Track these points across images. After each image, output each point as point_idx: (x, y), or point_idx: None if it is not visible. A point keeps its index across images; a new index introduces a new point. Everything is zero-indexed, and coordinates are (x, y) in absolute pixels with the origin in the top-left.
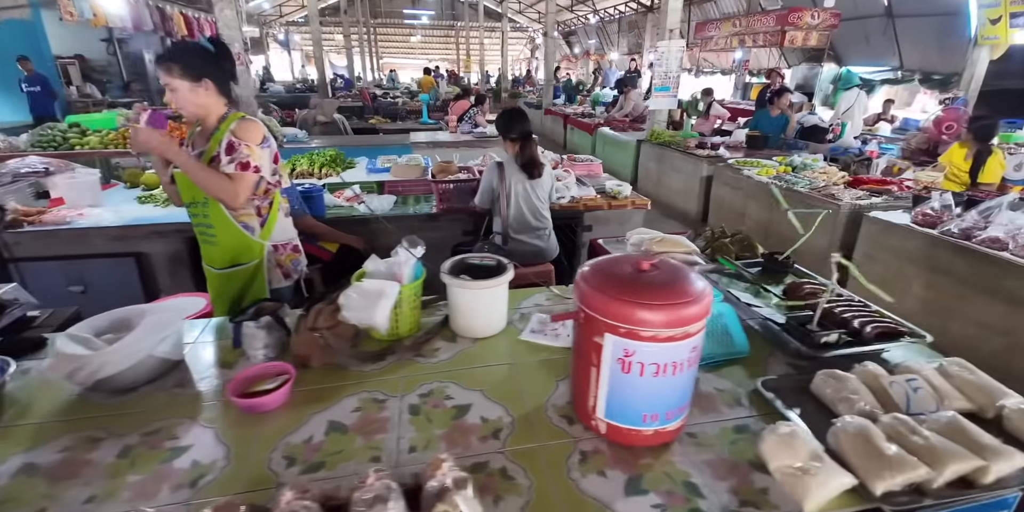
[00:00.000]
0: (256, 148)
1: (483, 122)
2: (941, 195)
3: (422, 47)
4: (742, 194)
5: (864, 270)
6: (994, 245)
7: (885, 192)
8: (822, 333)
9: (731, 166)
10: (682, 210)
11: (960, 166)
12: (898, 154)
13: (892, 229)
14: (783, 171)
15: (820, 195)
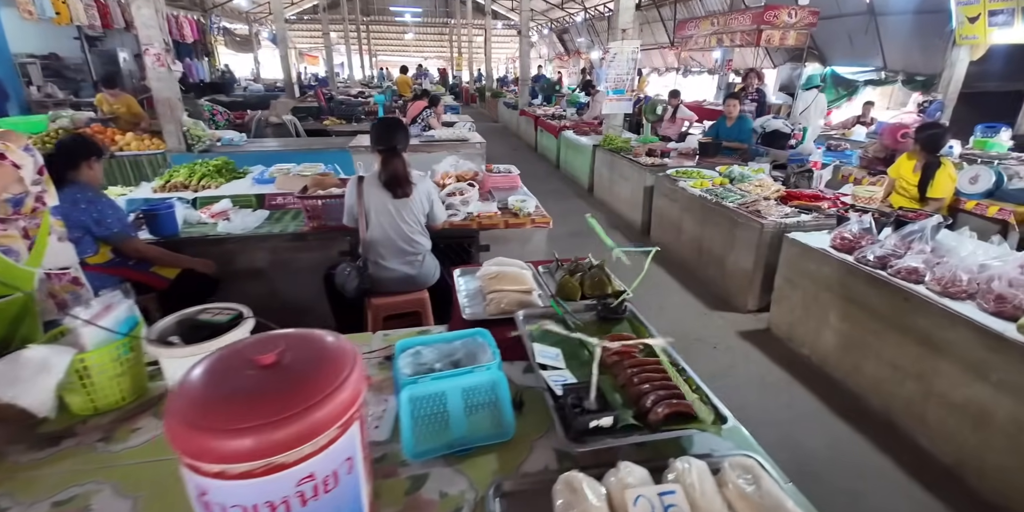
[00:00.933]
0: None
1: (437, 125)
2: (860, 216)
3: (416, 45)
4: (678, 207)
5: (783, 296)
6: (910, 277)
7: (815, 209)
8: (591, 416)
9: (669, 177)
10: (628, 221)
11: (909, 179)
12: (856, 163)
13: (810, 253)
14: (719, 183)
15: (746, 211)
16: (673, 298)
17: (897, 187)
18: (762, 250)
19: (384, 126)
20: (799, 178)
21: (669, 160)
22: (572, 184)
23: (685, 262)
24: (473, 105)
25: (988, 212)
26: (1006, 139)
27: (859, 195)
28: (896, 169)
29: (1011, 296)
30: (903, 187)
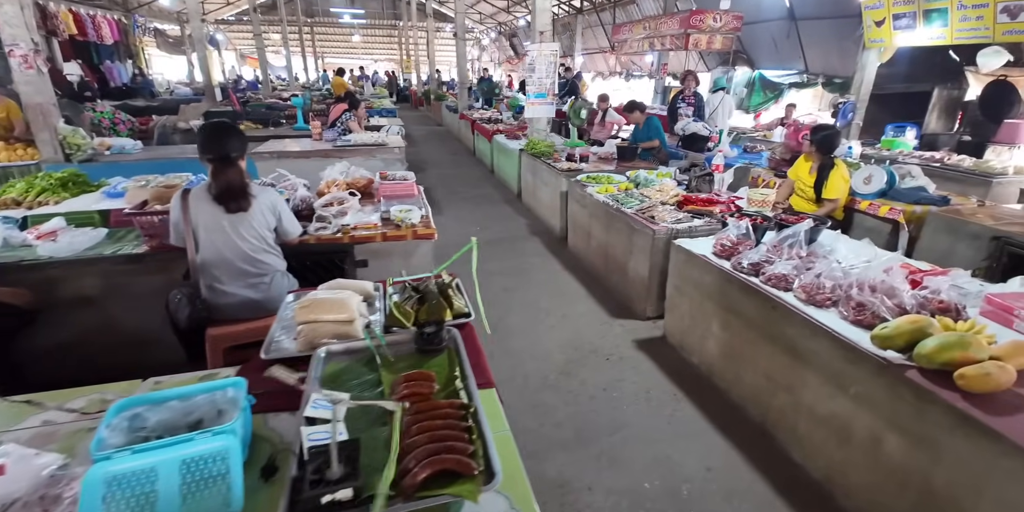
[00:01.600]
0: None
1: (357, 128)
2: (739, 221)
3: (365, 47)
4: (587, 213)
5: (674, 304)
6: (779, 284)
7: (708, 214)
8: (324, 489)
9: (580, 182)
10: (548, 227)
11: (805, 180)
12: (765, 165)
13: (693, 260)
14: (624, 188)
15: (642, 217)
16: (578, 306)
17: (796, 188)
18: (656, 257)
19: (213, 131)
20: (700, 182)
21: (586, 165)
22: (503, 189)
23: (594, 269)
24: (422, 108)
25: (880, 212)
26: (911, 138)
27: (753, 198)
28: (795, 171)
29: (870, 304)
30: (801, 188)
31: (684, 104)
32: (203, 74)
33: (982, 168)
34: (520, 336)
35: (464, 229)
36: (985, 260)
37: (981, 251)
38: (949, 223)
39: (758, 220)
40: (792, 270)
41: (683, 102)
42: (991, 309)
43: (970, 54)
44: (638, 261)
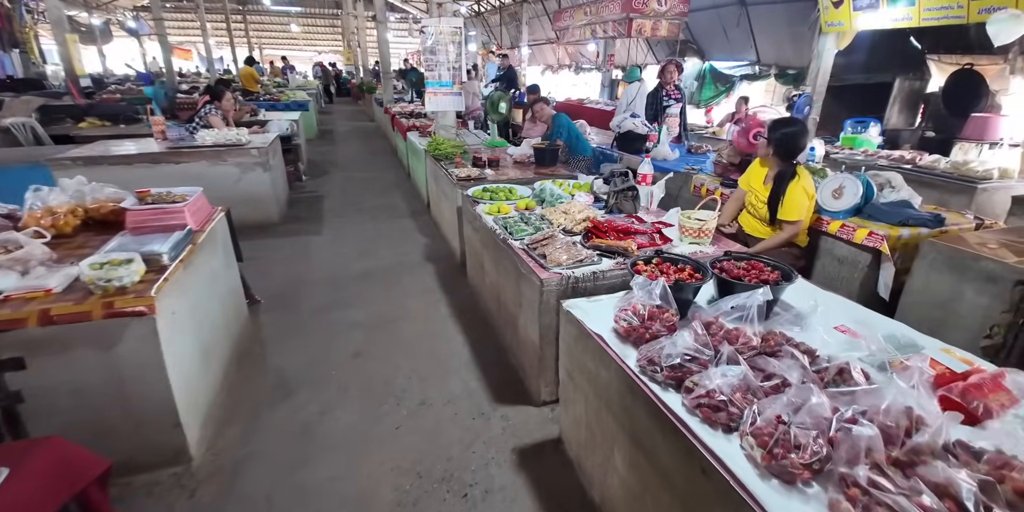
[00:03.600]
0: None
1: (220, 124)
2: (649, 280)
3: (306, 37)
4: (479, 239)
5: (568, 398)
6: (716, 418)
7: (621, 252)
8: None
9: (470, 197)
10: (449, 251)
11: (760, 193)
12: (710, 170)
13: (585, 340)
14: (523, 207)
15: (531, 255)
16: (450, 384)
17: (747, 203)
18: (547, 316)
19: None
20: (620, 198)
21: (491, 172)
22: (413, 199)
23: (488, 317)
24: (361, 103)
25: (856, 237)
26: (875, 135)
27: (685, 226)
28: (746, 180)
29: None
30: (753, 204)
31: (670, 100)
32: (63, 63)
33: (962, 171)
34: (336, 453)
35: (335, 257)
36: (1007, 312)
37: (999, 300)
38: (952, 257)
39: (685, 272)
40: (737, 385)
41: (668, 97)
42: None
43: (933, 41)
44: (527, 319)
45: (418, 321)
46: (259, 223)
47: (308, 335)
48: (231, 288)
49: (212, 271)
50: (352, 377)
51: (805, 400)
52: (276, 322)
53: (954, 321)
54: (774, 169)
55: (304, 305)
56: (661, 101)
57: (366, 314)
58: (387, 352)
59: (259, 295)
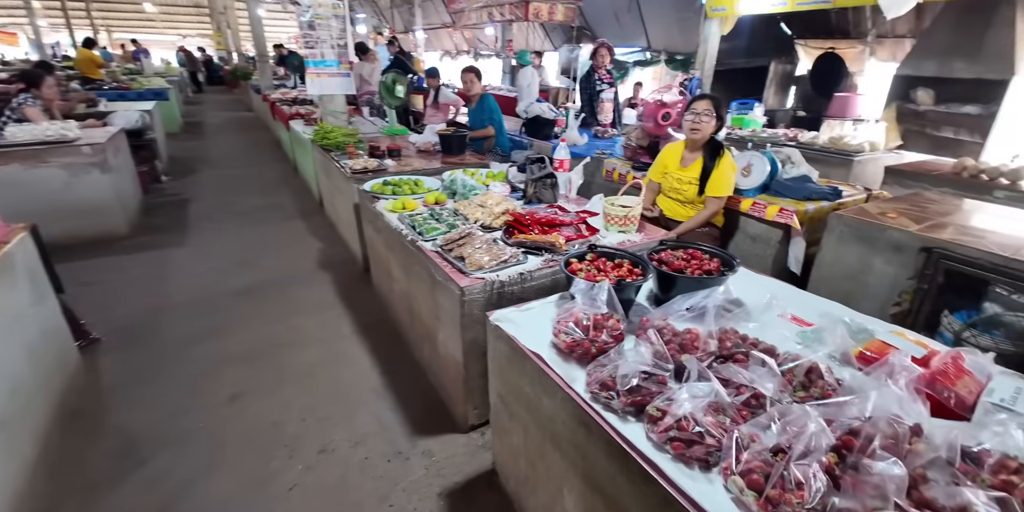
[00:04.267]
0: None
1: (38, 117)
2: (590, 282)
3: (165, 19)
4: (382, 241)
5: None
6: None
7: (548, 248)
8: None
9: (368, 192)
10: (349, 255)
11: (681, 174)
12: (619, 154)
13: (520, 360)
14: (433, 202)
15: (446, 257)
16: (358, 419)
17: (665, 188)
18: (470, 332)
19: None
20: (539, 187)
21: (392, 163)
22: (303, 196)
23: (400, 330)
24: (236, 91)
25: (767, 214)
26: (760, 115)
27: (611, 214)
28: (661, 164)
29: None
30: (675, 187)
31: (603, 84)
32: None
33: (839, 145)
34: None
35: (205, 273)
36: (912, 279)
37: (906, 268)
38: (859, 229)
39: (624, 268)
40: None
41: (601, 81)
42: None
43: (801, 27)
44: (448, 334)
45: (314, 345)
46: (99, 237)
47: (167, 378)
48: (46, 329)
49: (8, 312)
50: (228, 428)
51: (796, 423)
52: (122, 365)
53: (863, 291)
54: (700, 148)
55: (161, 338)
56: (595, 85)
57: (246, 343)
58: (274, 389)
59: (96, 331)
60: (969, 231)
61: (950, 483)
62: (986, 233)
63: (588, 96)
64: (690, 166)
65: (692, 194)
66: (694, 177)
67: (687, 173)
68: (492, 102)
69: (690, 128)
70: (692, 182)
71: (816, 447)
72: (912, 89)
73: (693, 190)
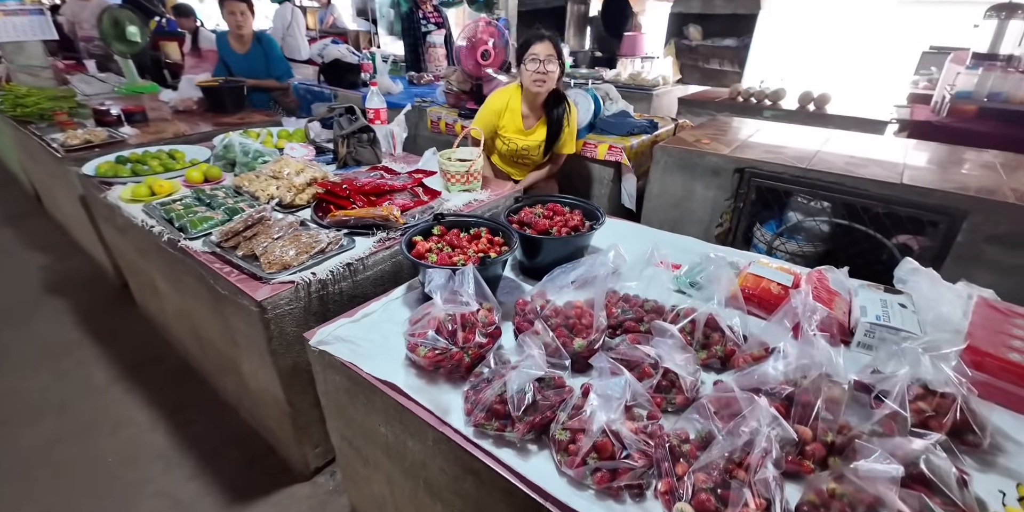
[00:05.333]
0: None
1: None
2: (448, 261)
3: None
4: (132, 245)
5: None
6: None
7: (380, 224)
8: None
9: (92, 179)
10: (95, 269)
11: (527, 139)
12: (442, 101)
13: (365, 392)
14: (203, 180)
15: (231, 261)
16: (145, 495)
17: (502, 150)
18: (286, 358)
19: None
20: (353, 145)
21: (132, 132)
22: (11, 192)
23: (190, 361)
24: None
25: (599, 153)
26: (567, 55)
27: (450, 171)
28: (490, 122)
29: None
30: (518, 154)
31: (429, 24)
32: None
33: (638, 81)
34: None
35: None
36: (729, 199)
37: (723, 190)
38: (682, 158)
39: (482, 239)
40: (623, 410)
41: (427, 21)
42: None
43: None
44: (255, 363)
45: (48, 415)
46: None
47: None
48: None
49: None
50: None
51: (727, 407)
52: None
53: (689, 217)
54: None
55: None
56: (418, 26)
57: None
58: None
59: None
60: (770, 149)
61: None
62: (782, 149)
63: (413, 40)
64: (534, 128)
65: (539, 157)
66: (541, 140)
67: (532, 137)
68: (273, 44)
69: (533, 81)
70: (540, 145)
71: (769, 444)
72: (684, 26)
73: (540, 153)
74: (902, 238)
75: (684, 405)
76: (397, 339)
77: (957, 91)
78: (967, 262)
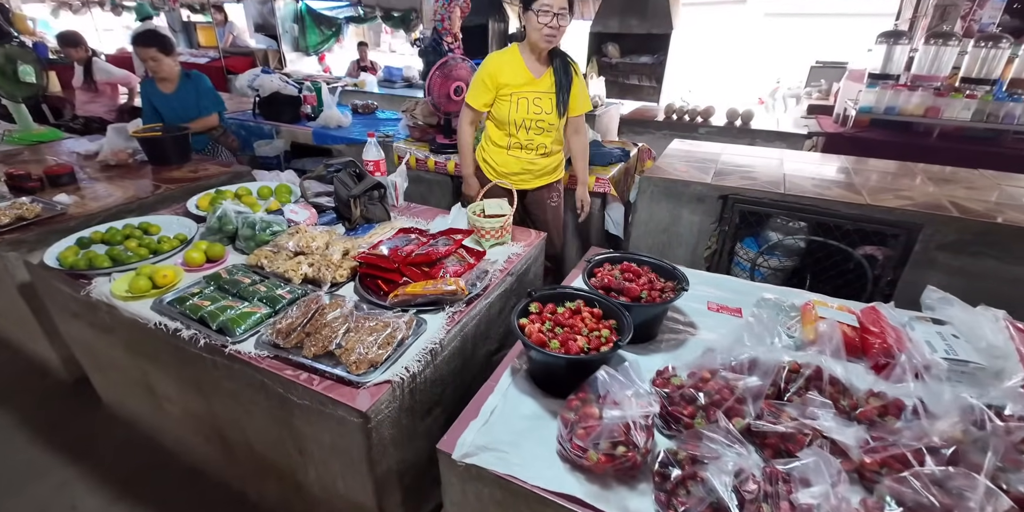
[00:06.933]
0: None
1: None
2: None
3: None
4: (121, 344)
5: None
6: None
7: (447, 299)
8: None
9: (58, 271)
10: (36, 363)
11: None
12: (406, 135)
13: (520, 500)
14: (203, 260)
15: (307, 363)
16: None
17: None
18: (383, 464)
19: None
20: (366, 203)
21: (69, 199)
22: None
23: (200, 461)
24: None
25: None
26: None
27: (484, 228)
28: (489, 76)
29: None
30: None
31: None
32: None
33: None
34: None
35: None
36: (714, 223)
37: (709, 214)
38: (667, 188)
39: (586, 315)
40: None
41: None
42: None
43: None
44: (333, 472)
45: None
46: None
47: None
48: None
49: None
50: None
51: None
52: None
53: (676, 240)
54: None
55: None
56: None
57: None
58: None
59: None
60: (744, 175)
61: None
62: (753, 172)
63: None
64: (544, 76)
65: (556, 119)
66: (552, 89)
67: (544, 84)
68: (202, 78)
69: (544, 35)
70: (553, 98)
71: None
72: (603, 44)
73: (555, 111)
74: (868, 249)
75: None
76: (538, 439)
77: (861, 106)
78: (923, 267)
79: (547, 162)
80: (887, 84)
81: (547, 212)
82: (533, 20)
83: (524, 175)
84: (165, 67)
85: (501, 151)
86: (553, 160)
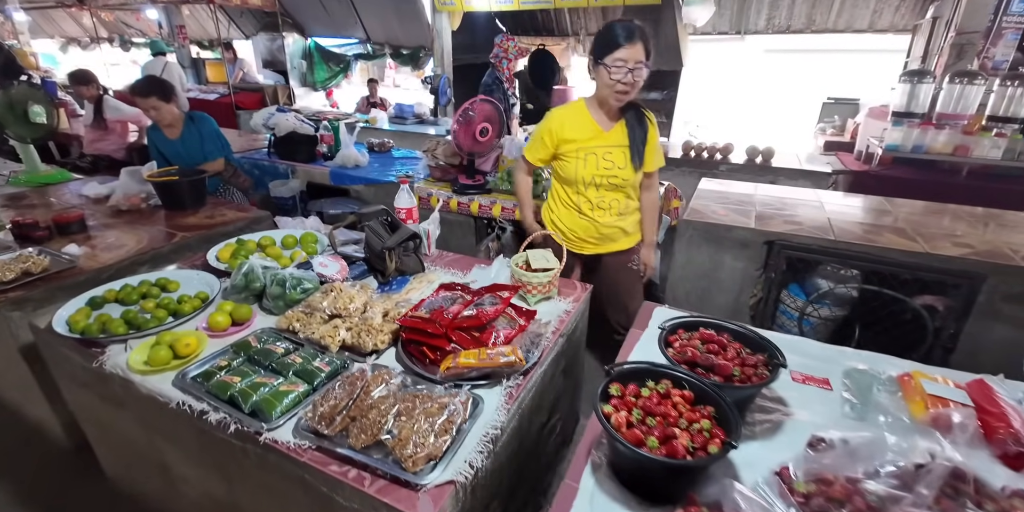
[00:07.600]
0: None
1: None
2: None
3: None
4: (132, 418)
5: None
6: None
7: (504, 372)
8: None
9: (66, 338)
10: (32, 427)
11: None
12: (427, 174)
13: None
14: (228, 324)
15: (355, 457)
16: None
17: (576, 172)
18: None
19: None
20: (400, 255)
21: (79, 250)
22: None
23: None
24: None
25: None
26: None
27: (531, 284)
28: (550, 132)
29: None
30: (601, 166)
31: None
32: None
33: None
34: None
35: None
36: (759, 270)
37: (753, 260)
38: (708, 232)
39: (677, 399)
40: None
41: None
42: None
43: (512, 24)
44: None
45: None
46: None
47: None
48: None
49: None
50: None
51: None
52: None
53: (718, 287)
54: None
55: None
56: (507, 98)
57: None
58: None
59: None
60: (788, 219)
61: None
62: (796, 216)
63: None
64: (614, 129)
65: (630, 174)
66: (625, 143)
67: (615, 137)
68: (206, 121)
69: (616, 92)
70: (626, 151)
71: None
72: None
73: (629, 166)
74: (927, 299)
75: None
76: None
77: (887, 144)
78: (987, 318)
79: (624, 224)
80: (913, 122)
81: (626, 277)
82: (604, 75)
83: (596, 239)
84: (166, 114)
85: (571, 214)
86: (631, 222)
